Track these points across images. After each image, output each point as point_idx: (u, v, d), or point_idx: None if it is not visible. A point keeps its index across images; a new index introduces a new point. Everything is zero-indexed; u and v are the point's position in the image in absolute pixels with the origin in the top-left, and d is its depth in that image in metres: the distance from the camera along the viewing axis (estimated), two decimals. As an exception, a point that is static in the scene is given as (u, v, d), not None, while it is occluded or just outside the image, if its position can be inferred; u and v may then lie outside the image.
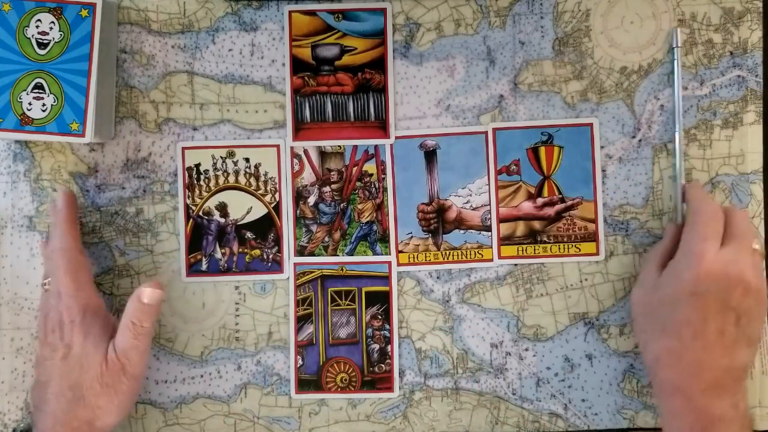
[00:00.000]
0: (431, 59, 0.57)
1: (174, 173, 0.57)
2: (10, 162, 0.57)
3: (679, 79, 0.55)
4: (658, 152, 0.56)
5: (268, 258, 0.57)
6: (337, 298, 0.57)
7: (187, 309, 0.57)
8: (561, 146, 0.56)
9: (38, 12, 0.50)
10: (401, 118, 0.57)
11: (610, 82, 0.56)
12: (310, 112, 0.57)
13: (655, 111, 0.56)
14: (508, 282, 0.57)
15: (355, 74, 0.57)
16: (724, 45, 0.56)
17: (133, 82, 0.57)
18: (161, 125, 0.57)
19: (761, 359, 0.56)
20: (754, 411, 0.56)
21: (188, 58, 0.57)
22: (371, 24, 0.57)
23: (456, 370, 0.57)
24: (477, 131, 0.57)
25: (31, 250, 0.57)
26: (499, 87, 0.57)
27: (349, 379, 0.57)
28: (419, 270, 0.57)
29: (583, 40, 0.56)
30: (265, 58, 0.57)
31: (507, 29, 0.57)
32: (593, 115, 0.56)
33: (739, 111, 0.56)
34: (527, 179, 0.57)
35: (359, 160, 0.57)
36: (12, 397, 0.56)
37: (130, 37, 0.57)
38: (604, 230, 0.56)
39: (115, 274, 0.57)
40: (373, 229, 0.57)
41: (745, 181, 0.56)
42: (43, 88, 0.51)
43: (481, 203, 0.57)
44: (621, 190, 0.56)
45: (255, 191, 0.57)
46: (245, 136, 0.57)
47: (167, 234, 0.57)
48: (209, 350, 0.57)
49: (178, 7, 0.57)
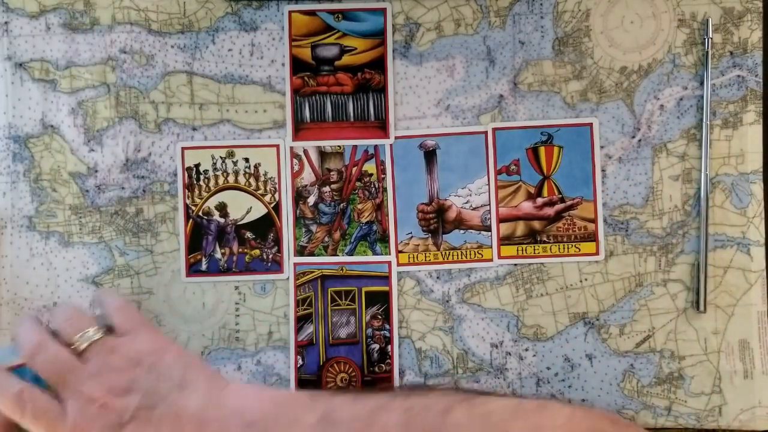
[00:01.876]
0: (431, 59, 0.57)
1: (174, 173, 0.57)
2: (10, 162, 0.57)
3: (708, 70, 0.55)
4: (657, 152, 0.56)
5: (267, 258, 0.57)
6: (337, 298, 0.57)
7: (187, 309, 0.57)
8: (561, 146, 0.56)
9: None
10: (401, 118, 0.57)
11: (610, 82, 0.56)
12: (309, 112, 0.57)
13: (655, 111, 0.56)
14: (508, 282, 0.57)
15: (355, 74, 0.57)
16: (724, 45, 0.56)
17: (132, 82, 0.57)
18: (161, 125, 0.57)
19: (761, 359, 0.56)
20: (754, 411, 0.56)
21: (188, 58, 0.57)
22: (371, 24, 0.57)
23: (456, 370, 0.57)
24: (477, 131, 0.57)
25: (31, 250, 0.57)
26: (498, 87, 0.57)
27: (349, 379, 0.57)
28: (419, 270, 0.57)
29: (583, 40, 0.56)
30: (265, 58, 0.57)
31: (507, 29, 0.57)
32: (593, 115, 0.56)
33: (739, 111, 0.56)
34: (527, 179, 0.57)
35: (359, 160, 0.57)
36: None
37: (130, 37, 0.57)
38: (604, 230, 0.56)
39: (115, 274, 0.57)
40: (373, 229, 0.57)
41: (745, 181, 0.56)
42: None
43: (481, 203, 0.57)
44: (621, 190, 0.56)
45: (255, 191, 0.57)
46: (245, 136, 0.57)
47: (167, 234, 0.57)
48: (209, 350, 0.57)
49: (178, 7, 0.57)
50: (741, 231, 0.56)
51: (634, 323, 0.56)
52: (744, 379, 0.56)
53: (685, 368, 0.56)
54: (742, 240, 0.56)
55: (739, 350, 0.56)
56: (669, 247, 0.56)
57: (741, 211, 0.56)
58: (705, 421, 0.56)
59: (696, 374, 0.56)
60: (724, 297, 0.56)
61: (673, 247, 0.56)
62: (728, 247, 0.56)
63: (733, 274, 0.56)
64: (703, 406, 0.56)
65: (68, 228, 0.57)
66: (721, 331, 0.56)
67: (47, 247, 0.57)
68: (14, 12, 0.57)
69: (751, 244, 0.56)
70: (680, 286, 0.56)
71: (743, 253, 0.56)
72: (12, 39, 0.57)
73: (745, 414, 0.56)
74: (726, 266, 0.56)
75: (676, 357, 0.56)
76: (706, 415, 0.56)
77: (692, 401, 0.56)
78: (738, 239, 0.56)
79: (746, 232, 0.56)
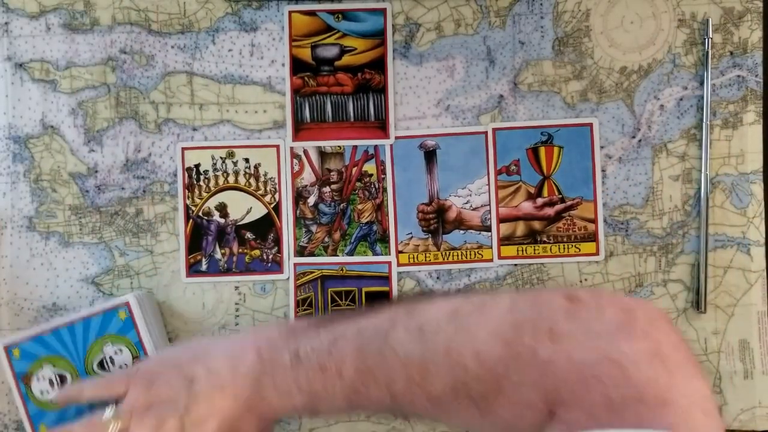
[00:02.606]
0: (431, 59, 0.57)
1: (174, 173, 0.57)
2: (10, 162, 0.57)
3: (708, 70, 0.55)
4: (658, 152, 0.56)
5: (268, 258, 0.57)
6: (337, 299, 0.57)
7: (187, 309, 0.57)
8: (561, 146, 0.56)
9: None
10: (401, 119, 0.57)
11: (610, 82, 0.56)
12: (309, 112, 0.57)
13: (655, 111, 0.56)
14: (508, 282, 0.57)
15: (355, 74, 0.57)
16: (724, 45, 0.56)
17: (132, 82, 0.57)
18: (161, 125, 0.57)
19: (761, 359, 0.56)
20: (754, 411, 0.56)
21: (188, 58, 0.57)
22: (371, 24, 0.57)
23: (456, 371, 0.57)
24: (477, 131, 0.57)
25: (31, 250, 0.57)
26: (498, 87, 0.57)
27: (349, 379, 0.57)
28: (419, 270, 0.57)
29: (583, 40, 0.56)
30: (265, 59, 0.57)
31: (507, 29, 0.57)
32: (593, 115, 0.56)
33: (739, 111, 0.56)
34: (527, 179, 0.57)
35: (359, 160, 0.57)
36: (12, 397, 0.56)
37: (130, 38, 0.57)
38: (604, 230, 0.56)
39: (115, 274, 0.57)
40: (373, 229, 0.57)
41: (745, 180, 0.56)
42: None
43: (481, 203, 0.57)
44: (621, 190, 0.56)
45: (255, 191, 0.57)
46: (245, 136, 0.57)
47: (167, 234, 0.57)
48: (209, 350, 0.57)
49: (178, 7, 0.57)
50: (741, 231, 0.56)
51: (634, 323, 0.56)
52: (744, 379, 0.56)
53: (685, 368, 0.56)
54: (742, 240, 0.56)
55: (739, 350, 0.56)
56: (669, 248, 0.56)
57: (741, 211, 0.56)
58: (705, 421, 0.56)
59: (696, 374, 0.56)
60: (724, 297, 0.56)
61: (673, 247, 0.56)
62: (728, 247, 0.56)
63: (733, 275, 0.56)
64: (703, 406, 0.56)
65: (68, 228, 0.57)
66: (721, 331, 0.56)
67: (47, 248, 0.57)
68: (14, 12, 0.57)
69: (751, 244, 0.56)
70: (680, 286, 0.56)
71: (743, 253, 0.56)
72: (12, 39, 0.57)
73: (746, 414, 0.56)
74: (726, 266, 0.56)
75: (677, 357, 0.56)
76: (706, 415, 0.56)
77: (692, 401, 0.56)
78: (738, 239, 0.56)
79: (746, 232, 0.56)
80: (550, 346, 0.35)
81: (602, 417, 0.32)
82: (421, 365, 0.38)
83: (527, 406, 0.36)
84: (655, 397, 0.31)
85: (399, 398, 0.40)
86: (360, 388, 0.40)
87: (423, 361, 0.38)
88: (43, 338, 0.52)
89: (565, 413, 0.34)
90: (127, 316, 0.52)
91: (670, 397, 0.31)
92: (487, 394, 0.37)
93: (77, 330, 0.52)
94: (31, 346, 0.52)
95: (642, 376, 0.32)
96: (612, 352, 0.33)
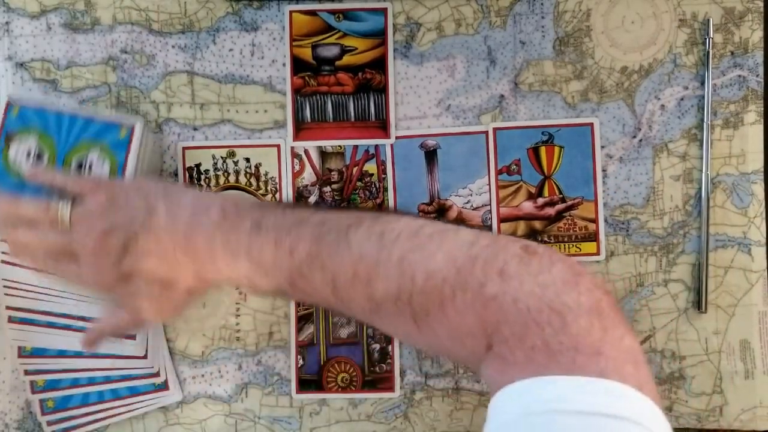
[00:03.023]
0: (432, 59, 0.57)
1: (174, 173, 0.57)
2: (11, 162, 0.57)
3: (709, 70, 0.55)
4: (658, 152, 0.56)
5: (268, 258, 0.57)
6: (338, 298, 0.57)
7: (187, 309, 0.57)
8: (561, 146, 0.56)
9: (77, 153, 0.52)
10: (401, 118, 0.57)
11: (610, 81, 0.56)
12: (310, 112, 0.57)
13: (656, 111, 0.56)
14: (508, 282, 0.57)
15: (356, 74, 0.57)
16: (724, 45, 0.56)
17: (133, 82, 0.57)
18: (162, 125, 0.57)
19: (762, 359, 0.56)
20: (755, 411, 0.56)
21: (188, 58, 0.57)
22: (372, 24, 0.57)
23: (457, 370, 0.57)
24: (477, 131, 0.57)
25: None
26: (499, 87, 0.57)
27: (350, 378, 0.57)
28: (420, 270, 0.57)
29: (583, 39, 0.56)
30: (266, 58, 0.57)
31: (507, 29, 0.57)
32: (594, 115, 0.56)
33: (740, 111, 0.56)
34: (528, 179, 0.57)
35: (360, 160, 0.57)
36: (13, 397, 0.56)
37: (130, 37, 0.57)
38: (605, 230, 0.56)
39: (116, 274, 0.57)
40: (374, 229, 0.57)
41: (746, 180, 0.56)
42: None
43: (482, 203, 0.57)
44: (621, 190, 0.56)
45: (255, 191, 0.57)
46: (246, 136, 0.57)
47: (168, 234, 0.57)
48: (210, 350, 0.57)
49: (178, 6, 0.57)
50: (742, 231, 0.56)
51: (635, 323, 0.56)
52: (745, 379, 0.56)
53: (686, 368, 0.56)
54: (743, 240, 0.56)
55: (740, 350, 0.56)
56: (670, 247, 0.56)
57: (742, 211, 0.56)
58: (706, 422, 0.56)
59: (697, 374, 0.56)
60: (725, 297, 0.56)
61: (674, 247, 0.56)
62: (729, 247, 0.56)
63: (734, 274, 0.56)
64: (704, 407, 0.56)
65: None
66: (722, 331, 0.56)
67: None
68: (15, 12, 0.57)
69: (752, 244, 0.56)
70: (681, 286, 0.56)
71: (744, 253, 0.56)
72: (13, 39, 0.57)
73: (746, 414, 0.56)
74: (727, 266, 0.56)
75: (677, 357, 0.56)
76: (707, 415, 0.56)
77: (693, 401, 0.56)
78: (739, 239, 0.56)
79: (747, 232, 0.56)
80: (499, 283, 0.36)
81: (539, 359, 0.34)
82: (371, 265, 0.39)
83: (467, 333, 0.37)
84: (589, 346, 0.33)
85: (340, 292, 0.41)
86: (305, 271, 0.41)
87: (375, 262, 0.39)
88: (45, 113, 0.52)
89: (504, 349, 0.35)
90: (127, 137, 0.52)
91: (602, 348, 0.33)
92: (429, 309, 0.38)
93: (77, 123, 0.52)
94: (32, 112, 0.52)
95: (580, 328, 0.34)
96: (555, 303, 0.35)
